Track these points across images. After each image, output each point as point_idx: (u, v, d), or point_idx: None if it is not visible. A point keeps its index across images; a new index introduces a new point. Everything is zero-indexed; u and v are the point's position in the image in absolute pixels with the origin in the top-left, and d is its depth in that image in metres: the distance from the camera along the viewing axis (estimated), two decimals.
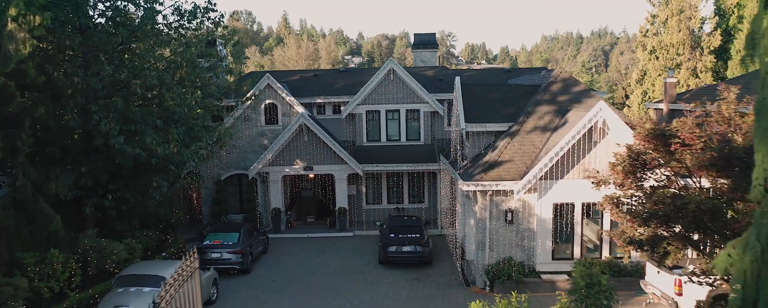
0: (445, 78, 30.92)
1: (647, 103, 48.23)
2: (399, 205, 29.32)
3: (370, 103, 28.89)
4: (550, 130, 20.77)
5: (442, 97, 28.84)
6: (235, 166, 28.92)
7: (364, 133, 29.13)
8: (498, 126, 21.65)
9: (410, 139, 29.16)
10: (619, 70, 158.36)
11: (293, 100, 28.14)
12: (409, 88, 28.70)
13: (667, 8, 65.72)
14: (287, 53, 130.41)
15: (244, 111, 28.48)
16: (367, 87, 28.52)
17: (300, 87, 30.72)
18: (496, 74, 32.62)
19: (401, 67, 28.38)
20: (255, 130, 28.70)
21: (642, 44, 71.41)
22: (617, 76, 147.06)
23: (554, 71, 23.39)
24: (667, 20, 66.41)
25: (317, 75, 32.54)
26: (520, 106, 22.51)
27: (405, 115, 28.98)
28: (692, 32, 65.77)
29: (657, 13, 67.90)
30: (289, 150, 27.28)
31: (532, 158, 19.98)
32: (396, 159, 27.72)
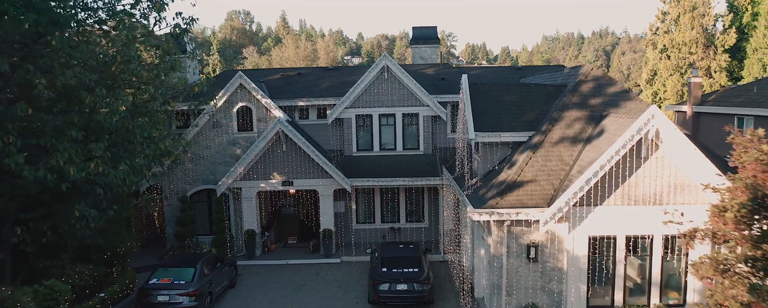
0: (448, 77, 26.30)
1: (667, 106, 43.57)
2: (395, 225, 24.71)
3: (361, 105, 24.26)
4: (582, 142, 16.16)
5: (445, 98, 24.21)
6: (204, 180, 24.32)
7: (354, 140, 24.50)
8: (516, 135, 17.06)
9: (408, 148, 24.53)
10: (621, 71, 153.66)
11: (270, 103, 23.52)
12: (407, 88, 24.08)
13: (678, 5, 61.15)
14: (285, 53, 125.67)
15: (213, 116, 23.87)
16: (356, 87, 23.89)
17: (281, 87, 26.10)
18: (507, 73, 27.96)
19: (397, 64, 23.78)
20: (226, 138, 24.09)
21: (652, 42, 66.79)
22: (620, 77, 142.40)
23: (583, 68, 18.77)
24: (678, 17, 61.90)
25: (301, 74, 27.88)
26: (542, 110, 17.91)
27: (401, 119, 24.34)
28: (705, 30, 61.26)
29: (668, 10, 63.33)
30: (265, 162, 22.66)
31: (560, 177, 15.38)
32: (391, 173, 23.09)
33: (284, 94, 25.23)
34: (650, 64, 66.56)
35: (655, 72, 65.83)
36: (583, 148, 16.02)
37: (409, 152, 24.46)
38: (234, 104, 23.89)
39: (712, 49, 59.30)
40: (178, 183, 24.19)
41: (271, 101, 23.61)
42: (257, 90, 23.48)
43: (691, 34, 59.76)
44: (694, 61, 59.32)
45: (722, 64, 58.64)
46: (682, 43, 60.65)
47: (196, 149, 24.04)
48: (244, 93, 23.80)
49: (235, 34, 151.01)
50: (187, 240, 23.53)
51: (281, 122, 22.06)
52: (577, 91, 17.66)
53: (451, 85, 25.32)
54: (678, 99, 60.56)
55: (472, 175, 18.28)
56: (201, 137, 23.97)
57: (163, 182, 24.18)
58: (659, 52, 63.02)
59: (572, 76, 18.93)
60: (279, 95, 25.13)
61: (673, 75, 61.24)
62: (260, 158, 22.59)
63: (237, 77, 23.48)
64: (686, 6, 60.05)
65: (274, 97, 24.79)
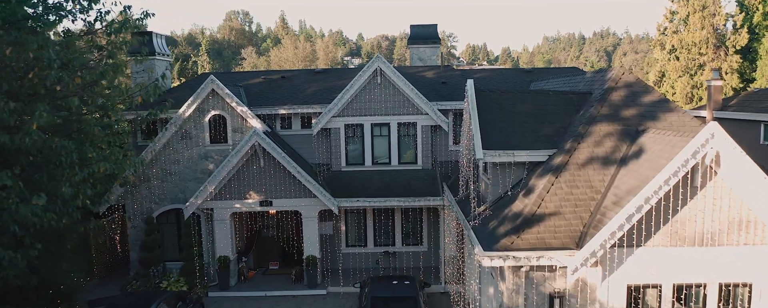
0: (450, 81, 23.07)
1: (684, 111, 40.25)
2: (389, 248, 21.50)
3: (351, 114, 21.04)
4: (616, 164, 12.94)
5: (447, 106, 20.99)
6: (172, 198, 21.12)
7: (343, 154, 21.28)
8: (533, 154, 13.85)
9: (404, 162, 21.30)
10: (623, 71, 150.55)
11: (246, 111, 20.31)
12: (403, 94, 20.86)
13: (688, 4, 57.91)
14: (283, 54, 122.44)
15: (181, 126, 20.67)
16: (345, 93, 20.67)
17: (262, 93, 22.88)
18: (515, 76, 24.71)
19: (391, 67, 20.57)
20: (197, 151, 20.88)
21: (660, 43, 63.49)
22: None
23: (612, 72, 15.49)
24: (688, 17, 58.66)
25: (286, 77, 24.61)
26: (563, 123, 14.69)
27: (397, 130, 21.13)
28: (716, 30, 58.00)
29: (677, 9, 60.09)
30: (239, 179, 19.47)
31: (590, 208, 12.17)
32: (384, 191, 19.90)
33: (265, 101, 22.02)
34: (658, 65, 63.40)
35: (663, 73, 62.68)
36: (617, 171, 12.80)
37: (406, 167, 21.24)
38: (205, 113, 20.69)
39: (722, 49, 56.15)
40: (142, 202, 21.00)
41: (248, 109, 20.39)
42: (231, 96, 20.26)
43: (701, 34, 56.59)
44: (704, 62, 56.18)
45: (734, 66, 55.48)
46: (691, 43, 57.48)
47: (163, 164, 20.85)
48: (216, 100, 20.59)
49: (234, 35, 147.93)
50: (152, 268, 20.34)
51: (257, 134, 18.85)
52: (606, 100, 14.42)
53: (454, 89, 22.11)
54: (687, 101, 57.37)
55: (479, 201, 15.06)
56: (168, 150, 20.77)
57: (126, 201, 20.99)
58: (667, 53, 59.87)
59: (598, 82, 15.69)
60: (259, 101, 21.93)
61: (682, 76, 58.09)
62: (234, 175, 19.40)
63: (208, 82, 20.27)
64: (696, 5, 56.87)
65: (254, 104, 21.59)
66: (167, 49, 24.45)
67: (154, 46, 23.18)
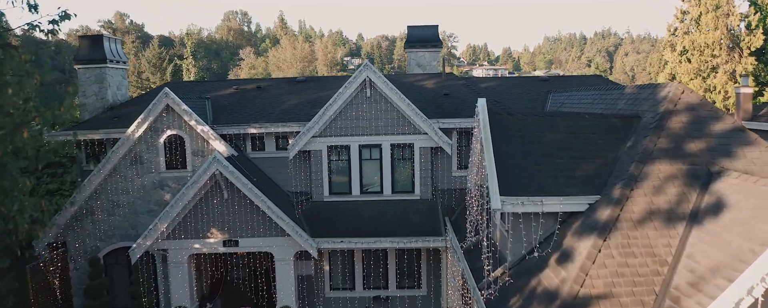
0: (454, 92, 19.29)
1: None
2: (381, 292, 17.75)
3: (335, 133, 17.28)
4: (686, 221, 9.17)
5: (449, 124, 17.22)
6: (122, 235, 17.41)
7: (325, 181, 17.51)
8: (567, 202, 10.10)
9: (399, 192, 17.53)
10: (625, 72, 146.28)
11: (208, 132, 16.58)
12: (397, 110, 17.10)
13: (700, 4, 54.10)
14: (282, 55, 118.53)
15: (132, 149, 16.94)
16: (327, 109, 16.90)
17: (232, 106, 19.10)
18: (530, 86, 20.88)
19: (383, 77, 16.80)
20: (150, 179, 17.15)
21: (671, 44, 59.62)
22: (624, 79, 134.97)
23: (669, 89, 11.62)
24: (700, 17, 54.82)
25: (261, 87, 20.77)
26: (606, 157, 10.91)
27: (390, 152, 17.35)
28: (730, 31, 54.15)
29: (688, 9, 56.29)
30: (198, 215, 15.73)
31: (655, 288, 8.45)
32: (375, 228, 16.17)
33: (235, 117, 18.26)
34: (668, 67, 59.66)
35: (673, 76, 58.95)
36: (687, 231, 9.04)
37: (401, 196, 17.47)
38: (160, 133, 16.95)
39: (736, 51, 52.39)
40: (86, 239, 17.29)
41: (210, 129, 16.65)
42: (190, 113, 16.52)
43: (715, 35, 52.76)
44: (717, 64, 52.45)
45: (748, 68, 51.61)
46: (704, 44, 53.69)
47: (110, 194, 17.13)
48: (172, 117, 16.84)
49: (232, 35, 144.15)
50: None
51: (218, 161, 15.10)
52: (663, 128, 10.63)
53: (458, 103, 18.34)
54: None
55: (494, 260, 11.30)
56: (116, 178, 17.05)
57: (66, 237, 17.27)
58: (678, 55, 56.15)
59: (647, 102, 11.89)
60: (228, 118, 18.17)
61: (694, 79, 54.33)
62: (192, 210, 15.67)
63: (162, 96, 16.53)
64: (709, 5, 53.09)
65: (221, 121, 17.85)
66: (124, 56, 20.68)
67: (106, 51, 19.42)
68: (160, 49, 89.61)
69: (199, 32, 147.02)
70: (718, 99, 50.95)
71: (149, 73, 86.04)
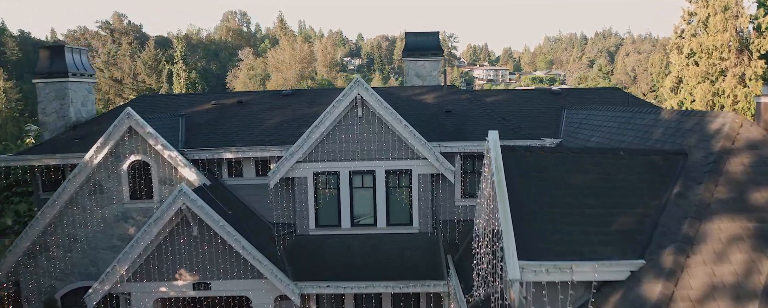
0: (457, 108, 17.05)
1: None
2: None
3: (322, 158, 15.05)
4: (759, 299, 6.97)
5: (452, 147, 14.99)
6: (82, 274, 15.22)
7: (311, 212, 15.28)
8: (602, 269, 7.89)
9: (395, 224, 15.29)
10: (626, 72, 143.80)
11: (177, 157, 14.38)
12: (393, 131, 14.87)
13: (708, 5, 51.86)
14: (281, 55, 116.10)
15: (91, 177, 14.74)
16: (313, 130, 14.66)
17: (207, 125, 16.86)
18: (541, 101, 18.60)
19: (376, 94, 14.56)
20: (113, 210, 14.95)
21: (677, 46, 57.34)
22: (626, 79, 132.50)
23: (722, 123, 9.35)
24: (708, 19, 52.56)
25: (243, 102, 18.50)
26: (647, 206, 8.69)
27: (384, 180, 15.12)
28: (739, 33, 51.89)
29: (695, 10, 54.03)
30: (163, 254, 13.52)
31: None
32: (367, 267, 13.97)
33: (211, 137, 16.03)
34: (675, 70, 57.43)
35: (680, 79, 56.76)
36: None
37: (397, 229, 15.23)
38: (122, 158, 14.75)
39: (745, 54, 50.19)
40: (41, 278, 15.10)
41: (179, 154, 14.44)
42: (156, 136, 14.31)
43: (723, 37, 50.52)
44: (726, 67, 50.25)
45: (758, 71, 49.32)
46: (712, 47, 51.43)
47: (67, 227, 14.95)
48: (136, 141, 14.64)
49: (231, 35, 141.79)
50: None
51: (185, 194, 12.89)
52: (720, 172, 8.41)
53: (461, 121, 16.12)
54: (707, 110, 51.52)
55: None
56: (74, 209, 14.86)
57: (19, 276, 15.09)
58: (685, 58, 53.94)
59: (695, 135, 9.64)
60: (202, 139, 15.94)
61: (702, 83, 52.09)
62: (156, 250, 13.47)
63: (124, 117, 14.31)
64: (717, 6, 50.86)
65: (193, 144, 15.62)
66: (89, 67, 18.45)
67: (68, 63, 17.21)
68: (157, 51, 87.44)
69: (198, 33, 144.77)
70: (726, 103, 48.76)
71: (145, 75, 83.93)
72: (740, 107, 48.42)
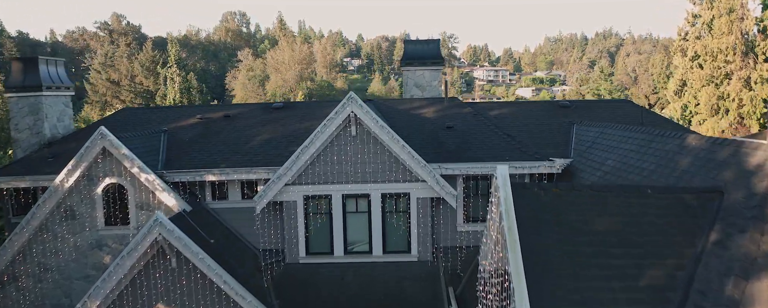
0: (459, 123, 15.82)
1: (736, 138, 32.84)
2: None
3: (312, 180, 13.82)
4: None
5: (454, 169, 13.76)
6: (54, 305, 14.00)
7: (301, 238, 14.05)
8: None
9: (392, 252, 14.06)
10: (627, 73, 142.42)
11: (154, 181, 13.17)
12: (389, 151, 13.64)
13: (712, 7, 50.68)
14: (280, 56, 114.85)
15: (62, 201, 13.54)
16: (303, 151, 13.43)
17: (191, 143, 15.63)
18: (547, 114, 17.34)
19: (371, 112, 13.33)
20: (86, 237, 13.75)
21: (681, 49, 56.15)
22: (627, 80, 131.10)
23: (765, 154, 8.18)
24: (712, 21, 51.42)
25: (230, 116, 17.26)
26: (680, 256, 7.45)
27: (380, 204, 13.90)
28: (744, 35, 50.74)
29: (700, 12, 52.80)
30: (138, 288, 12.30)
31: None
32: (362, 300, 12.76)
33: (194, 157, 14.80)
34: (679, 73, 56.19)
35: (684, 82, 55.52)
36: None
37: (394, 257, 14.01)
38: (96, 181, 13.54)
39: (751, 57, 48.95)
40: None
41: (156, 178, 13.22)
42: (132, 158, 13.10)
43: (728, 39, 49.35)
44: (731, 70, 49.06)
45: (764, 75, 48.21)
46: (717, 50, 50.24)
47: (38, 255, 13.74)
48: (110, 163, 13.43)
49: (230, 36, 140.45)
50: None
51: (161, 224, 11.67)
52: (765, 218, 7.20)
53: (464, 138, 14.89)
54: (712, 114, 50.36)
55: None
56: (45, 236, 13.65)
57: None
58: (690, 60, 52.70)
59: (732, 168, 8.41)
60: (184, 158, 14.73)
61: (706, 86, 50.91)
62: (131, 284, 12.24)
63: (96, 137, 13.10)
64: (722, 8, 49.63)
65: (175, 163, 14.41)
66: (67, 79, 17.23)
67: (43, 76, 16.00)
68: (154, 53, 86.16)
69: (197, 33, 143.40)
70: (731, 107, 47.58)
71: (143, 76, 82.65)
72: (746, 111, 47.25)
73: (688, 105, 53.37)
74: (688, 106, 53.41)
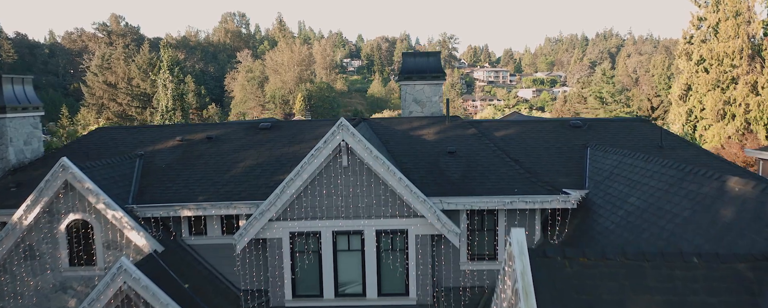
0: (462, 147, 14.33)
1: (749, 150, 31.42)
2: None
3: (300, 215, 12.35)
4: None
5: (457, 204, 12.27)
6: None
7: (287, 279, 12.56)
8: None
9: (387, 294, 12.58)
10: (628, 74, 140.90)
11: (122, 218, 11.71)
12: (384, 184, 12.15)
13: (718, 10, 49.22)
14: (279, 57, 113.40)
15: (22, 239, 12.08)
16: (289, 184, 11.95)
17: (168, 170, 14.15)
18: (558, 135, 15.83)
19: (364, 141, 11.86)
20: (49, 279, 12.29)
21: (686, 53, 54.72)
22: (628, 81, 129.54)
23: None
24: (718, 24, 50.00)
25: (213, 138, 15.77)
26: None
27: (375, 242, 12.43)
28: (751, 39, 49.30)
29: (705, 15, 51.32)
30: None
31: None
32: None
33: (170, 187, 13.33)
34: (684, 77, 54.69)
35: (689, 86, 54.04)
36: None
37: (391, 300, 12.52)
38: (59, 217, 12.08)
39: (758, 61, 47.49)
40: None
41: (125, 215, 11.75)
42: (96, 193, 11.63)
43: (735, 43, 47.94)
44: (737, 74, 47.65)
45: None
46: (723, 54, 48.81)
47: None
48: (74, 197, 11.97)
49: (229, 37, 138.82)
50: None
51: (126, 271, 10.23)
52: None
53: (468, 165, 13.42)
54: (718, 119, 48.99)
55: None
56: (3, 278, 12.20)
57: None
58: (695, 64, 51.22)
59: None
60: (159, 189, 13.25)
61: (712, 91, 49.51)
62: None
63: (58, 169, 11.63)
64: (728, 11, 48.17)
65: (147, 196, 12.94)
66: (35, 98, 15.73)
67: (6, 96, 14.51)
68: (151, 55, 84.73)
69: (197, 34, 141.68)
70: (738, 113, 46.14)
71: (139, 79, 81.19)
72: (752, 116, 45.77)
73: (693, 109, 51.94)
74: (693, 110, 51.98)
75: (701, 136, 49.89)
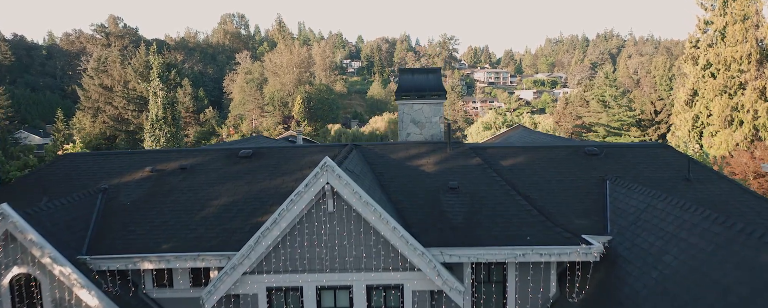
0: (465, 182, 12.59)
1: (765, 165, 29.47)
2: None
3: (278, 268, 10.61)
4: None
5: (459, 255, 10.52)
6: None
7: None
8: None
9: None
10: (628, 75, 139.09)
11: (70, 275, 9.98)
12: (375, 232, 10.41)
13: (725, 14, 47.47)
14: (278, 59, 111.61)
15: None
16: (264, 234, 10.21)
17: (133, 208, 12.41)
18: (570, 163, 14.08)
19: (351, 182, 10.12)
20: None
21: (692, 57, 52.95)
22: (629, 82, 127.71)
23: None
24: (725, 28, 48.23)
25: (187, 168, 14.01)
26: None
27: (365, 299, 10.69)
28: (760, 43, 47.55)
29: (712, 19, 49.56)
30: None
31: None
32: None
33: (133, 231, 11.59)
34: (690, 82, 52.95)
35: (695, 92, 52.30)
36: None
37: None
38: (1, 271, 10.36)
39: (766, 66, 45.79)
40: None
41: (73, 272, 10.02)
42: (42, 245, 9.91)
43: (743, 48, 46.21)
44: (745, 80, 45.94)
45: None
46: (730, 58, 47.07)
47: None
48: (19, 248, 10.24)
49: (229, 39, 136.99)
50: None
51: None
52: None
53: (472, 206, 11.67)
54: (726, 125, 47.30)
55: None
56: None
57: None
58: (701, 69, 49.51)
59: None
60: (120, 235, 11.51)
61: (719, 96, 47.81)
62: None
63: None
64: (735, 15, 46.42)
65: (103, 245, 11.21)
66: None
67: None
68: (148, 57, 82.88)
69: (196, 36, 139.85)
70: (746, 119, 44.43)
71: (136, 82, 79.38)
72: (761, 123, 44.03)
73: (699, 115, 50.21)
74: (699, 116, 50.26)
75: (710, 145, 48.12)
